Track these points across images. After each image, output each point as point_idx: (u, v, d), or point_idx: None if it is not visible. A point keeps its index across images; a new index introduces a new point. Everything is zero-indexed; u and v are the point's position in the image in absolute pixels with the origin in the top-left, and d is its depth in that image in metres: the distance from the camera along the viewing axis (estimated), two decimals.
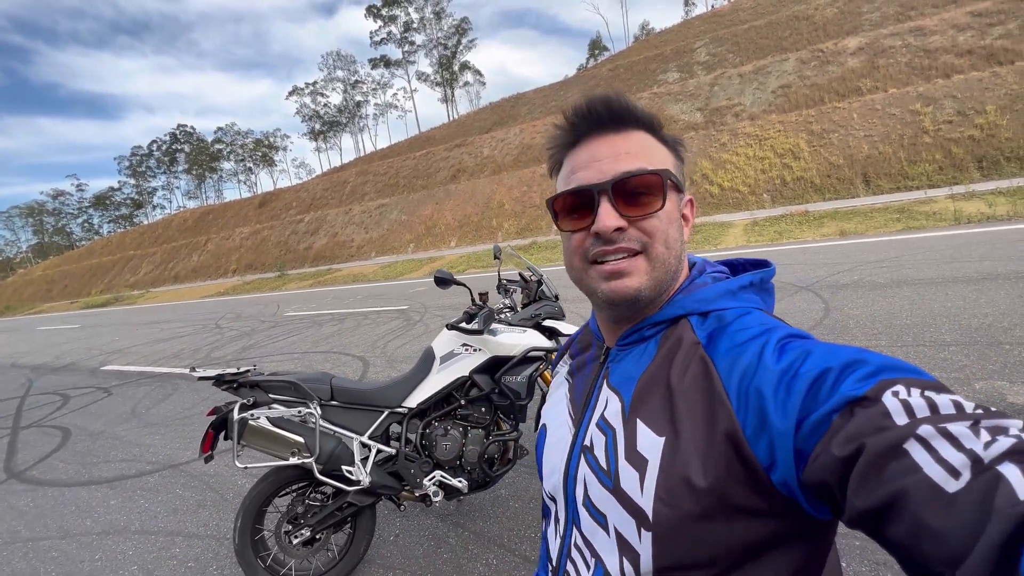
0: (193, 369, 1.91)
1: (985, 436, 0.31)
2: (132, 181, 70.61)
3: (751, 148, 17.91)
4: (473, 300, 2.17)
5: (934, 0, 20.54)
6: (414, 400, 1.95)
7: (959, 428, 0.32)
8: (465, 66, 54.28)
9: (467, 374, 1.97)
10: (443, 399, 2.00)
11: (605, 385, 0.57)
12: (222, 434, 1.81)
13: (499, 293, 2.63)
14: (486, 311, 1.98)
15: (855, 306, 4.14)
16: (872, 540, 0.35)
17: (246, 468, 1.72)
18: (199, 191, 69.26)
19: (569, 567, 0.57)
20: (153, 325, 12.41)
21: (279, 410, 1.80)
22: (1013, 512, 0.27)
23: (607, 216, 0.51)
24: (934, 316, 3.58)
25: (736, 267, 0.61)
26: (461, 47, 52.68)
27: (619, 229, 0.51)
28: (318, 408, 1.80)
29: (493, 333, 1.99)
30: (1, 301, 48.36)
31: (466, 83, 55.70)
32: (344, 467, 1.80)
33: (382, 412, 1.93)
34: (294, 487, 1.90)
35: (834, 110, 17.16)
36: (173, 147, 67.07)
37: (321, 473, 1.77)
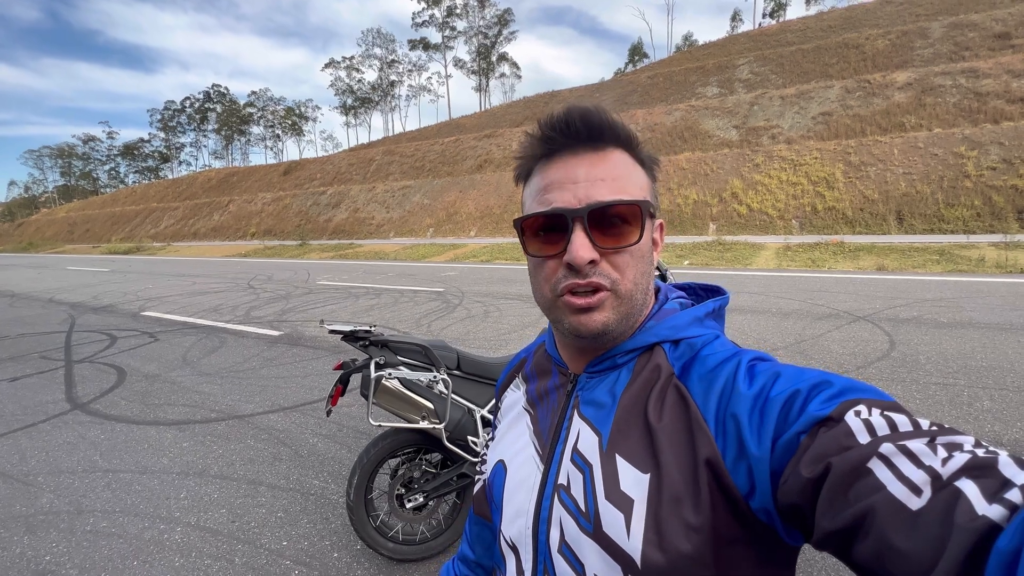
0: (323, 322, 1.95)
1: (942, 452, 0.32)
2: (162, 135, 71.48)
3: (785, 172, 17.73)
4: None
5: (991, 43, 20.22)
6: None
7: (917, 445, 0.33)
8: (503, 57, 54.11)
9: None
10: None
11: (576, 415, 0.54)
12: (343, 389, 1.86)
13: None
14: None
15: (922, 342, 4.11)
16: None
17: (380, 426, 1.75)
18: (226, 152, 69.75)
19: None
20: (183, 278, 12.56)
21: (407, 372, 1.82)
22: (973, 526, 0.27)
23: (581, 247, 0.48)
24: (1011, 362, 3.55)
25: (691, 291, 0.61)
26: (501, 38, 52.51)
27: (592, 262, 0.48)
28: (447, 376, 1.83)
29: None
30: (24, 237, 49.13)
31: (502, 74, 55.59)
32: (469, 437, 1.83)
33: None
34: (404, 452, 1.94)
35: (875, 143, 16.94)
36: (205, 105, 67.55)
37: (448, 440, 1.80)
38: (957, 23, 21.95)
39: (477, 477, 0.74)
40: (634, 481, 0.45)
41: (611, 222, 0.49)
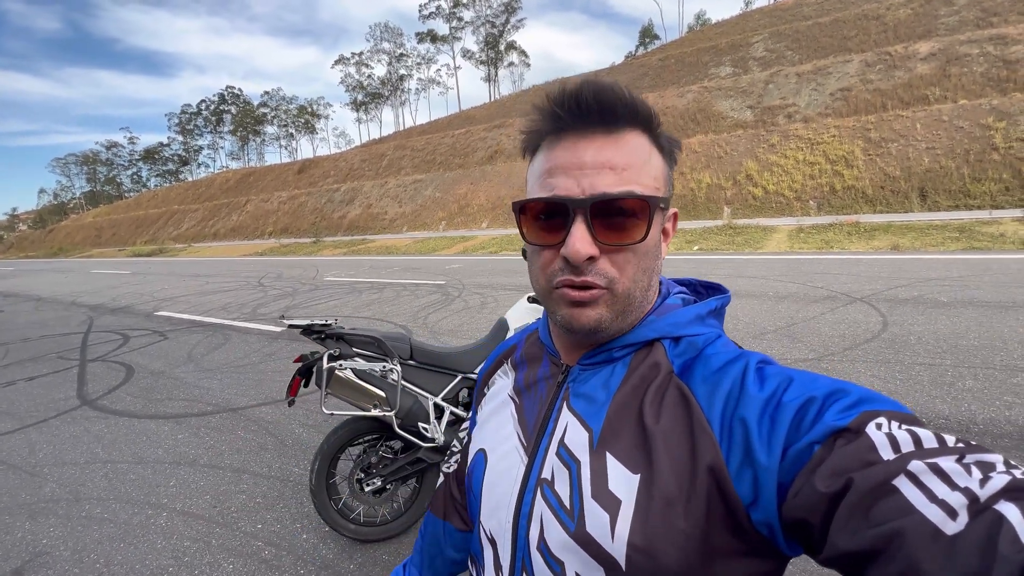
0: (283, 317, 2.03)
1: (977, 473, 0.30)
2: (180, 138, 73.24)
3: (801, 152, 17.23)
4: None
5: (1021, 7, 19.15)
6: None
7: (948, 463, 0.31)
8: (511, 46, 53.61)
9: None
10: None
11: (565, 408, 0.51)
12: (303, 381, 1.93)
13: None
14: None
15: (916, 323, 4.01)
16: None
17: (332, 415, 1.82)
18: (242, 152, 71.17)
19: None
20: (198, 278, 12.96)
21: (361, 363, 1.89)
22: (1019, 558, 0.25)
23: (580, 241, 0.44)
24: (1004, 340, 3.46)
25: (692, 288, 0.58)
26: (509, 26, 51.99)
27: (591, 258, 0.45)
28: (399, 366, 1.89)
29: None
30: (55, 243, 51.16)
31: (511, 64, 55.12)
32: (420, 424, 1.89)
33: (456, 376, 2.01)
34: (367, 438, 2.01)
35: (896, 118, 16.30)
36: (221, 108, 68.85)
37: (399, 427, 1.86)
38: None
39: (443, 471, 0.71)
40: (623, 481, 0.43)
41: (616, 217, 0.45)
